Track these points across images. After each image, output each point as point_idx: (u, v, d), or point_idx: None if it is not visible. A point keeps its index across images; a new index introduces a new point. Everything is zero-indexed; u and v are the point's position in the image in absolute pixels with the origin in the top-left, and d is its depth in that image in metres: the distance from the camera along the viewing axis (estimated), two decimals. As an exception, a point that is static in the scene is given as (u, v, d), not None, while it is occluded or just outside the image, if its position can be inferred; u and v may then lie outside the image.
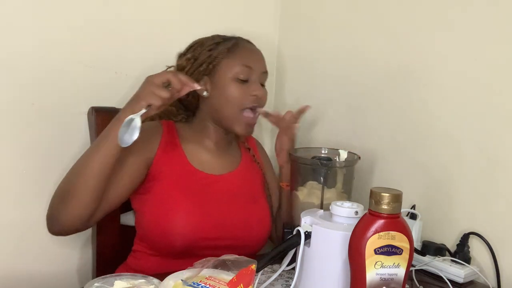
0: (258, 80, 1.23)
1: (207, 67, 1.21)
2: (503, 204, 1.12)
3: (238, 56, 1.22)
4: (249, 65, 1.22)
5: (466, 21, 1.17)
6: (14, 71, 1.25)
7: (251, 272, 0.84)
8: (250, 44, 1.29)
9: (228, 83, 1.21)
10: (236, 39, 1.27)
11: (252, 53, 1.26)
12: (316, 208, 1.13)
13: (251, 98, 1.22)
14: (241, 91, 1.21)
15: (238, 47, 1.24)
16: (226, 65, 1.21)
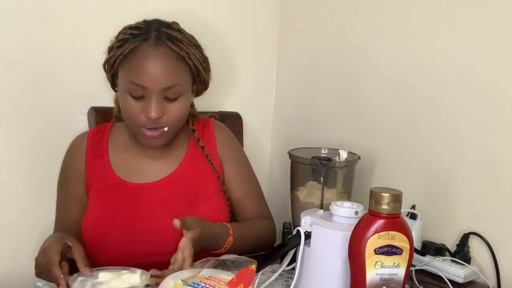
0: (157, 97, 1.06)
1: (111, 69, 1.12)
2: (503, 204, 1.12)
3: (130, 69, 1.07)
4: (139, 84, 1.06)
5: (466, 21, 1.17)
6: (14, 71, 1.25)
7: (251, 272, 0.84)
8: (155, 49, 1.07)
9: (123, 97, 1.09)
10: (144, 37, 1.08)
11: (147, 65, 1.06)
12: (316, 208, 1.13)
13: (146, 119, 1.07)
14: (135, 108, 1.08)
15: (134, 56, 1.07)
16: (121, 76, 1.10)
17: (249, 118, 1.61)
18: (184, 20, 1.37)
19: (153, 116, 1.06)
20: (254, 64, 1.66)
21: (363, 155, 1.29)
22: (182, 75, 1.11)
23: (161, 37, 1.09)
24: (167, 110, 1.09)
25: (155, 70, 1.06)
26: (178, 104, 1.10)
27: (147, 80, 1.06)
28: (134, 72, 1.07)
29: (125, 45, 1.09)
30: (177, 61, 1.10)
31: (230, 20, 1.58)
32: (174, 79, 1.08)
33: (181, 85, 1.10)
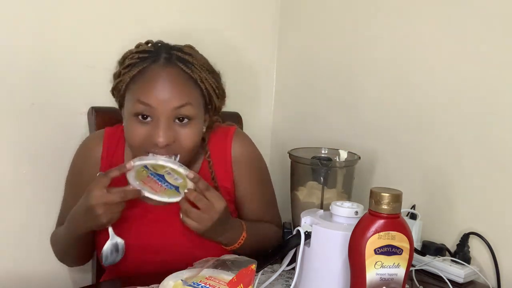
0: (166, 119, 0.99)
1: (118, 94, 1.07)
2: (503, 204, 1.12)
3: (138, 89, 1.01)
4: (147, 103, 0.98)
5: (466, 21, 1.17)
6: (14, 71, 1.25)
7: (251, 272, 0.84)
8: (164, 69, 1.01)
9: (129, 121, 1.02)
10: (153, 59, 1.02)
11: (156, 84, 0.99)
12: (316, 208, 1.13)
13: (153, 144, 1.00)
14: (142, 133, 1.00)
15: (142, 76, 1.01)
16: (128, 99, 1.03)
17: (249, 118, 1.61)
18: (184, 20, 1.38)
19: (161, 141, 0.98)
20: (254, 64, 1.66)
21: (363, 155, 1.28)
22: (194, 96, 1.03)
23: (172, 59, 1.03)
24: (178, 137, 1.01)
25: (164, 89, 0.99)
26: (189, 129, 1.02)
27: (155, 99, 0.98)
28: (141, 91, 1.00)
29: (132, 69, 1.03)
30: (188, 81, 1.03)
31: (230, 20, 1.58)
32: (185, 98, 1.00)
33: (193, 105, 1.02)
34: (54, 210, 1.22)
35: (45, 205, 1.30)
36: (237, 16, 1.60)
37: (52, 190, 1.29)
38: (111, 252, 1.03)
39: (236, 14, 1.60)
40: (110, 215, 0.98)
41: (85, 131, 1.35)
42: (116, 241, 1.03)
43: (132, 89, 1.02)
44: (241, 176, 1.17)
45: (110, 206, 0.97)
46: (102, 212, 0.96)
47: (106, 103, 1.35)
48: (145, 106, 0.99)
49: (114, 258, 1.04)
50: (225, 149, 1.16)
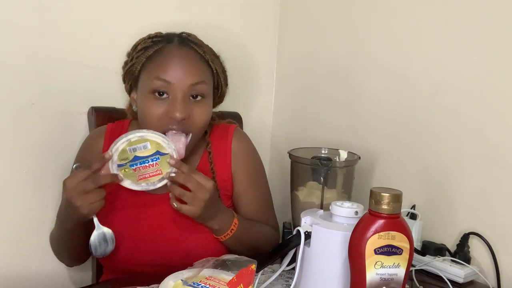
0: (182, 95, 1.04)
1: (132, 77, 1.11)
2: (503, 204, 1.12)
3: (155, 66, 1.05)
4: (165, 79, 1.03)
5: (466, 21, 1.17)
6: (14, 71, 1.25)
7: (251, 272, 0.84)
8: (180, 48, 1.07)
9: (145, 99, 1.06)
10: (167, 41, 1.09)
11: (173, 61, 1.05)
12: (316, 208, 1.13)
13: (171, 120, 1.04)
14: (158, 110, 1.04)
15: (159, 54, 1.06)
16: (144, 77, 1.07)
17: (249, 118, 1.61)
18: (183, 20, 1.38)
19: (178, 116, 1.03)
20: (254, 64, 1.66)
21: (363, 155, 1.29)
22: (207, 75, 1.09)
23: (185, 41, 1.10)
24: (192, 113, 1.05)
25: (182, 66, 1.05)
26: (203, 106, 1.07)
27: (173, 75, 1.03)
28: (160, 68, 1.04)
29: (147, 51, 1.08)
30: (201, 61, 1.09)
31: (230, 20, 1.58)
32: (200, 75, 1.06)
33: (206, 84, 1.08)
34: (54, 210, 1.21)
35: (45, 205, 1.30)
36: (237, 16, 1.60)
37: (52, 190, 1.29)
38: (99, 243, 1.03)
39: (236, 14, 1.60)
40: (90, 205, 0.97)
41: (85, 131, 1.35)
42: (103, 231, 1.03)
43: (148, 67, 1.06)
44: (239, 171, 1.20)
45: (87, 195, 0.96)
46: (81, 203, 0.96)
47: (106, 103, 1.36)
48: (162, 83, 1.03)
49: (104, 249, 1.04)
50: (225, 143, 1.19)
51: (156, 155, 1.02)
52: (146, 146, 1.01)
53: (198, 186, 1.00)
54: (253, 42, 1.65)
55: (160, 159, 1.02)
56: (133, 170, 1.02)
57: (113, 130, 1.19)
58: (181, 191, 1.01)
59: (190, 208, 1.01)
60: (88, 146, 1.19)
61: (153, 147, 1.01)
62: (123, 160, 1.01)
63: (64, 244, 1.14)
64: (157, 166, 1.03)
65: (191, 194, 1.00)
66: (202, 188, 1.00)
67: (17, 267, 1.31)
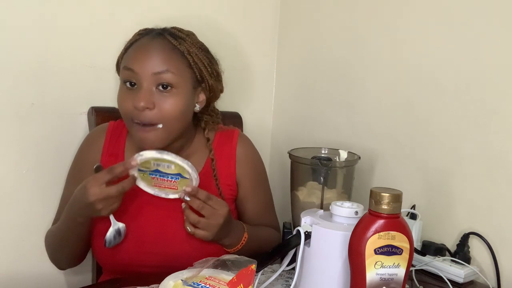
0: (148, 85, 1.03)
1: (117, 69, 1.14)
2: (503, 204, 1.12)
3: (126, 57, 1.08)
4: (130, 67, 1.04)
5: (466, 21, 1.17)
6: (14, 71, 1.25)
7: (251, 272, 0.84)
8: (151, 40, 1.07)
9: (119, 90, 1.08)
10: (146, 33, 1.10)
11: (140, 51, 1.06)
12: (316, 208, 1.13)
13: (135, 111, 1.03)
14: (126, 99, 1.04)
15: (131, 47, 1.09)
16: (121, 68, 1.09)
17: (249, 118, 1.61)
18: (183, 19, 1.37)
19: (141, 105, 1.01)
20: (254, 64, 1.66)
21: (363, 155, 1.29)
22: (177, 65, 1.06)
23: (163, 33, 1.09)
24: (158, 103, 1.03)
25: (146, 55, 1.04)
26: (171, 97, 1.05)
27: (138, 65, 1.03)
28: (128, 58, 1.06)
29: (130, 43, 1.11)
30: (172, 51, 1.07)
31: (230, 20, 1.58)
32: (165, 64, 1.04)
33: (174, 74, 1.05)
34: (54, 210, 1.22)
35: (45, 205, 1.30)
36: (237, 16, 1.60)
37: (52, 190, 1.29)
38: (114, 237, 1.06)
39: (236, 14, 1.60)
40: (110, 208, 1.00)
41: (85, 131, 1.35)
42: (118, 226, 1.06)
43: (124, 59, 1.09)
44: (243, 175, 1.20)
45: (109, 200, 0.98)
46: (102, 206, 0.99)
47: (106, 103, 1.36)
48: (129, 72, 1.04)
49: (117, 242, 1.07)
50: (230, 149, 1.20)
51: (177, 175, 1.03)
52: (170, 166, 1.02)
53: (212, 213, 1.02)
54: (253, 42, 1.65)
55: (179, 179, 1.03)
56: (151, 178, 1.04)
57: (115, 128, 1.19)
58: (195, 218, 1.02)
59: (204, 234, 1.03)
60: (90, 143, 1.19)
61: (176, 169, 1.02)
62: (144, 168, 1.02)
63: (65, 243, 1.12)
64: (175, 184, 1.04)
65: (205, 221, 1.02)
66: (216, 214, 1.02)
67: (17, 267, 1.31)
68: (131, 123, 1.05)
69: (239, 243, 1.11)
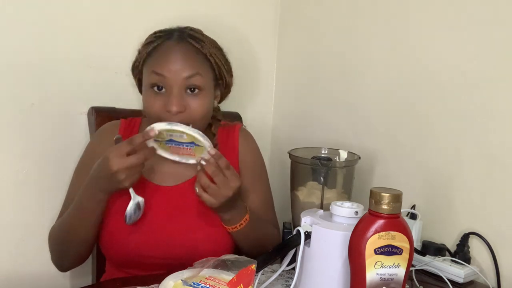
0: (178, 89, 1.07)
1: (137, 71, 1.16)
2: (503, 204, 1.12)
3: (152, 61, 1.10)
4: (160, 73, 1.07)
5: (466, 21, 1.17)
6: (14, 71, 1.25)
7: (251, 272, 0.84)
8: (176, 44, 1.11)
9: (145, 93, 1.11)
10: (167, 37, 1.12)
11: (168, 56, 1.09)
12: (316, 208, 1.13)
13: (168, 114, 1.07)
14: (157, 104, 1.08)
15: (156, 50, 1.11)
16: (144, 72, 1.12)
17: (249, 118, 1.61)
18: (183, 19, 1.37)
19: (174, 109, 1.06)
20: (254, 64, 1.66)
21: (363, 155, 1.29)
22: (203, 68, 1.11)
23: (184, 36, 1.13)
24: (188, 105, 1.08)
25: (176, 60, 1.08)
26: (200, 99, 1.10)
27: (168, 70, 1.07)
28: (156, 63, 1.09)
29: (148, 46, 1.12)
30: (198, 55, 1.11)
31: (230, 20, 1.58)
32: (194, 68, 1.09)
33: (202, 76, 1.10)
34: (54, 210, 1.22)
35: (45, 205, 1.30)
36: (237, 16, 1.60)
37: (52, 190, 1.30)
38: (134, 211, 1.06)
39: (236, 14, 1.60)
40: (132, 178, 1.01)
41: (85, 131, 1.35)
42: (138, 200, 1.06)
43: (148, 63, 1.11)
44: (245, 167, 1.22)
45: (131, 169, 1.00)
46: (125, 176, 0.99)
47: (106, 103, 1.36)
48: (159, 77, 1.07)
49: (137, 216, 1.07)
50: (233, 141, 1.23)
51: (191, 143, 1.04)
52: (182, 136, 1.03)
53: (224, 182, 1.03)
54: (253, 42, 1.65)
55: (194, 147, 1.05)
56: (168, 147, 1.06)
57: (127, 125, 1.21)
58: (206, 182, 1.02)
59: (210, 199, 1.03)
60: (102, 136, 1.19)
61: (189, 138, 1.03)
62: (159, 138, 1.04)
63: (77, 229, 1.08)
64: (191, 151, 1.05)
65: (215, 188, 1.02)
66: (227, 185, 1.03)
67: (17, 267, 1.32)
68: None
69: (239, 223, 1.10)
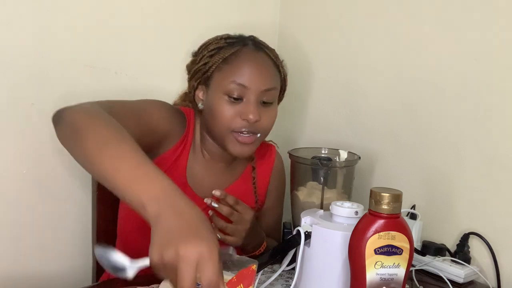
0: (255, 99, 1.07)
1: (202, 75, 1.11)
2: (503, 204, 1.12)
3: (232, 70, 1.07)
4: (242, 83, 1.06)
5: (466, 21, 1.17)
6: (14, 71, 1.25)
7: (251, 272, 0.84)
8: (255, 53, 1.11)
9: (218, 99, 1.07)
10: (242, 44, 1.11)
11: (250, 66, 1.08)
12: (316, 208, 1.13)
13: (242, 122, 1.06)
14: (230, 111, 1.06)
15: (236, 58, 1.08)
16: (218, 78, 1.08)
17: (249, 118, 1.61)
18: (183, 19, 1.38)
19: (252, 118, 1.05)
20: (254, 64, 1.66)
21: (363, 155, 1.28)
22: (277, 81, 1.13)
23: (258, 44, 1.13)
24: (262, 115, 1.08)
25: (257, 71, 1.08)
26: (272, 110, 1.12)
27: (252, 77, 1.06)
28: (237, 72, 1.07)
29: (222, 52, 1.09)
30: (274, 67, 1.13)
31: (230, 21, 1.58)
32: (273, 82, 1.10)
33: (277, 89, 1.12)
34: (54, 210, 1.22)
35: (45, 205, 1.30)
36: (237, 16, 1.60)
37: (52, 190, 1.29)
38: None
39: (236, 14, 1.60)
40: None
41: (85, 131, 1.34)
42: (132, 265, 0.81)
43: (224, 69, 1.08)
44: (273, 189, 1.28)
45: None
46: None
47: (106, 103, 1.35)
48: (239, 87, 1.06)
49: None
50: (269, 162, 1.27)
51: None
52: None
53: (239, 218, 1.07)
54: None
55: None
56: None
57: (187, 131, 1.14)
58: (223, 225, 1.06)
59: (233, 239, 1.07)
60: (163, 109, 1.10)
61: None
62: None
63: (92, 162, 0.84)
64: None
65: (233, 226, 1.07)
66: (242, 219, 1.07)
67: (17, 267, 1.31)
68: (229, 133, 1.08)
69: (258, 250, 1.15)
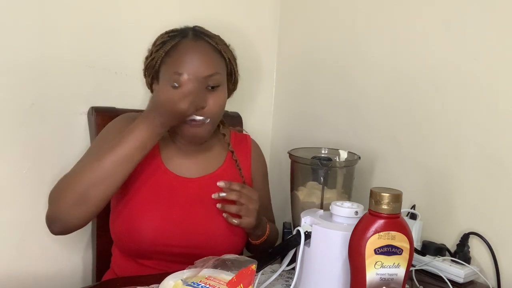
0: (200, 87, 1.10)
1: (152, 70, 1.17)
2: (503, 204, 1.12)
3: (173, 61, 1.13)
4: (181, 73, 1.10)
5: (466, 21, 1.17)
6: (14, 71, 1.25)
7: (251, 272, 0.84)
8: (194, 42, 1.15)
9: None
10: (182, 35, 1.16)
11: (187, 56, 1.12)
12: (316, 208, 1.13)
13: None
14: None
15: (175, 50, 1.14)
16: (163, 71, 1.15)
17: (249, 118, 1.62)
18: (184, 19, 1.37)
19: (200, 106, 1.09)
20: (254, 64, 1.66)
21: (363, 155, 1.28)
22: (220, 66, 1.17)
23: (198, 34, 1.17)
24: (209, 101, 1.12)
25: (197, 60, 1.12)
26: (218, 95, 1.15)
27: (190, 69, 1.10)
28: (177, 63, 1.11)
29: (164, 46, 1.15)
30: (215, 53, 1.16)
31: (230, 20, 1.58)
32: (214, 67, 1.14)
33: (220, 74, 1.15)
34: (54, 210, 1.21)
35: (45, 205, 1.30)
36: (237, 16, 1.60)
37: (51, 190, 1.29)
38: None
39: (236, 14, 1.60)
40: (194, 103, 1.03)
41: (85, 131, 1.35)
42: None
43: (167, 62, 1.14)
44: (256, 172, 1.31)
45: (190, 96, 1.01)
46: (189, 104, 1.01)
47: (106, 103, 1.36)
48: (180, 77, 1.09)
49: None
50: (246, 148, 1.31)
51: None
52: None
53: (248, 199, 1.10)
54: (253, 42, 1.65)
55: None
56: None
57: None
58: (237, 207, 1.10)
59: (248, 220, 1.11)
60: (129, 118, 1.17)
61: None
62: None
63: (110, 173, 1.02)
64: None
65: (246, 208, 1.10)
66: (251, 199, 1.11)
67: (17, 267, 1.31)
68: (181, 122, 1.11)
69: (265, 233, 1.19)
